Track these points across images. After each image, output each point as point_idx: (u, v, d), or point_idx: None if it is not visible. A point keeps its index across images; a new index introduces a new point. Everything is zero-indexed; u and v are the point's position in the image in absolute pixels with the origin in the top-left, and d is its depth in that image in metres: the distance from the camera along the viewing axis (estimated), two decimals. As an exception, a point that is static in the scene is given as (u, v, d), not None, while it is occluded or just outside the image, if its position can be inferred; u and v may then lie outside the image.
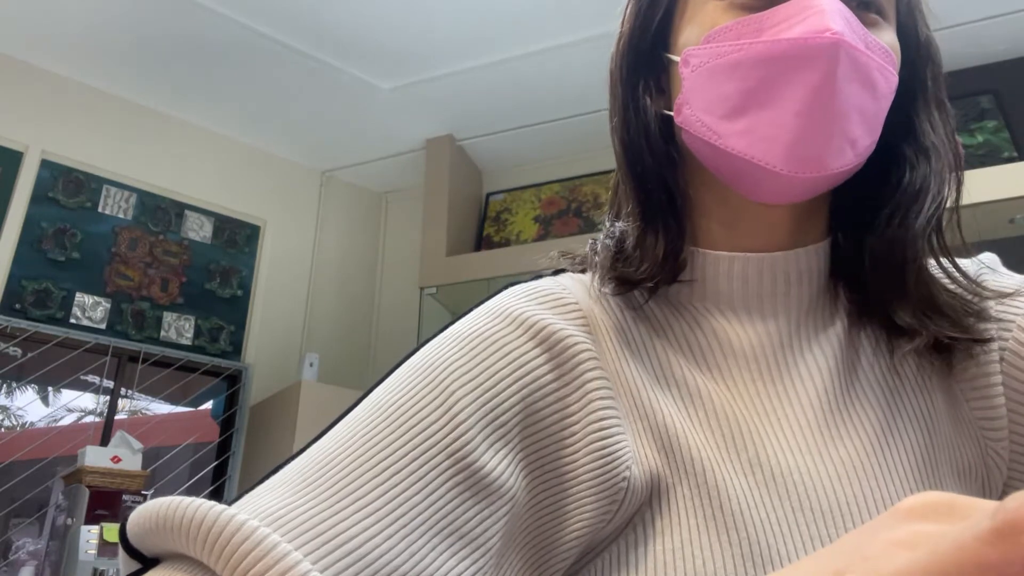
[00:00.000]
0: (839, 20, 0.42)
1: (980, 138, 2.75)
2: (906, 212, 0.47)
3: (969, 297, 0.48)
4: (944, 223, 0.48)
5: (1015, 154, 2.67)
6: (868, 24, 0.46)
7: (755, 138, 0.44)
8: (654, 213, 0.49)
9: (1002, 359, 0.47)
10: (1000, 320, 0.48)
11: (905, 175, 0.48)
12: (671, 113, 0.50)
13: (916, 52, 0.50)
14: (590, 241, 0.52)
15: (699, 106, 0.47)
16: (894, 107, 0.47)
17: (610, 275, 0.48)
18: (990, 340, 0.47)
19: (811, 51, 0.42)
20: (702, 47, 0.47)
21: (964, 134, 2.77)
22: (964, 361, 0.48)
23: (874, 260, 0.48)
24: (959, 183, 0.49)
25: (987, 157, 2.69)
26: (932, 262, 0.48)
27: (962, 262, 0.53)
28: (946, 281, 0.48)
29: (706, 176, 0.50)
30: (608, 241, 0.50)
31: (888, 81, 0.45)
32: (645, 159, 0.50)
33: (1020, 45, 2.79)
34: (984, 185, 2.44)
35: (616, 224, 0.51)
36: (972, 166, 2.66)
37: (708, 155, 0.48)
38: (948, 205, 0.48)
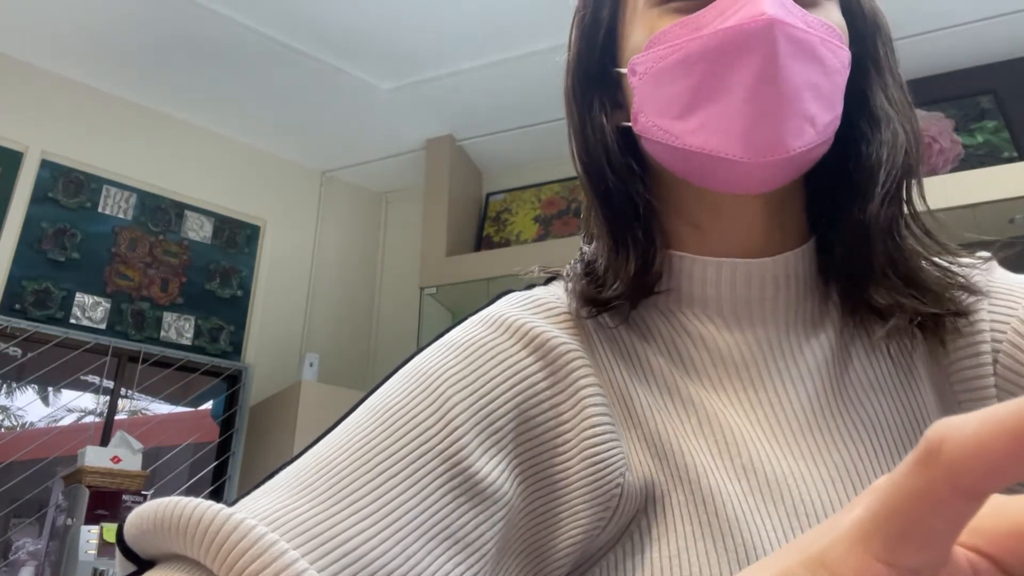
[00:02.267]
0: (772, 4, 0.42)
1: (980, 138, 2.75)
2: (864, 191, 0.47)
3: (955, 269, 0.48)
4: (910, 192, 0.48)
5: (1015, 154, 2.67)
6: (808, 5, 0.46)
7: (710, 132, 0.44)
8: (623, 229, 0.49)
9: (996, 361, 0.47)
10: (994, 321, 0.48)
11: (862, 151, 0.48)
12: (628, 125, 0.50)
13: (864, 24, 0.50)
14: (568, 265, 0.52)
15: (652, 111, 0.47)
16: (850, 86, 0.47)
17: (583, 299, 0.48)
18: (971, 312, 0.47)
19: (747, 36, 0.42)
20: (645, 53, 0.47)
21: (964, 134, 2.77)
22: (957, 350, 0.48)
23: (844, 244, 0.48)
24: (918, 148, 0.48)
25: (987, 157, 2.69)
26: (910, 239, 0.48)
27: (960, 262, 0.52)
28: (921, 255, 0.48)
29: (674, 182, 0.50)
30: (579, 266, 0.50)
31: (837, 55, 0.45)
32: (607, 177, 0.50)
33: (1020, 45, 2.79)
34: (984, 185, 2.44)
35: (587, 248, 0.52)
36: (972, 166, 2.66)
37: (670, 158, 0.48)
38: (911, 177, 0.48)
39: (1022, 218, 2.49)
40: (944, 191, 2.47)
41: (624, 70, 0.50)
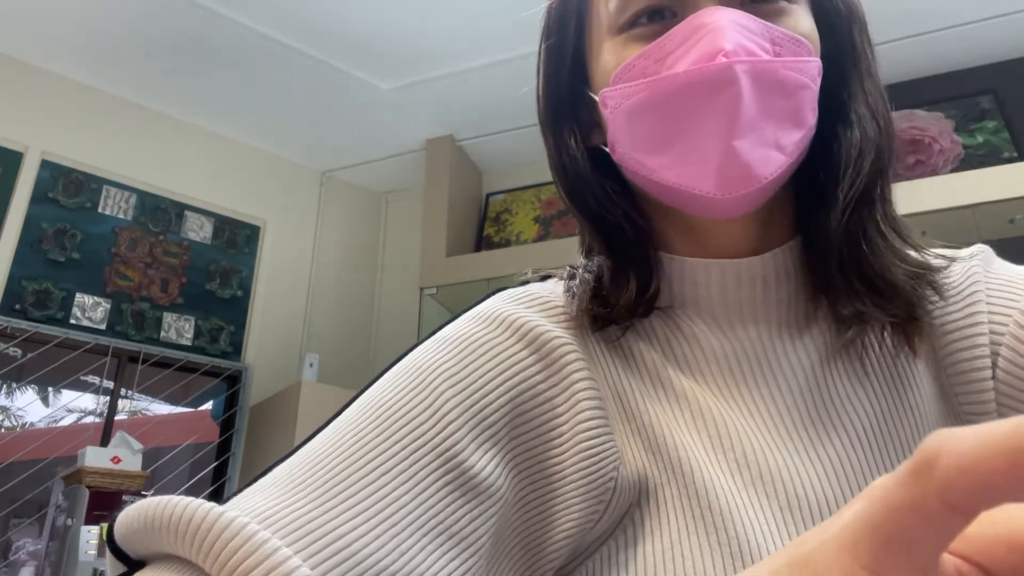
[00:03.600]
0: (731, 35, 0.42)
1: (980, 138, 2.75)
2: (828, 198, 0.47)
3: (923, 272, 0.47)
4: (885, 196, 0.47)
5: (1015, 154, 2.67)
6: (772, 14, 0.45)
7: (683, 169, 0.44)
8: (619, 253, 0.49)
9: (996, 354, 0.46)
10: (993, 314, 0.48)
11: (832, 154, 0.47)
12: (605, 149, 0.50)
13: (838, 20, 0.49)
14: (568, 268, 0.52)
15: (627, 145, 0.47)
16: (825, 84, 0.46)
17: (588, 313, 0.48)
18: (920, 319, 0.47)
19: (707, 80, 0.42)
20: (613, 88, 0.47)
21: (964, 134, 2.77)
22: (953, 344, 0.48)
23: (817, 249, 0.48)
24: (890, 152, 0.48)
25: (987, 157, 2.69)
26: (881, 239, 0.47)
27: (954, 252, 0.52)
28: (892, 258, 0.47)
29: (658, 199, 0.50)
30: (587, 275, 0.50)
31: (804, 71, 0.45)
32: (589, 202, 0.50)
33: (1020, 45, 2.79)
34: (984, 185, 2.44)
35: (593, 259, 0.51)
36: (972, 166, 2.66)
37: (651, 188, 0.48)
38: (881, 178, 0.47)
39: (1022, 218, 2.48)
40: (944, 191, 2.47)
41: (596, 97, 0.50)
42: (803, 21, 0.47)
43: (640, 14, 0.47)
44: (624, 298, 0.47)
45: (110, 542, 0.35)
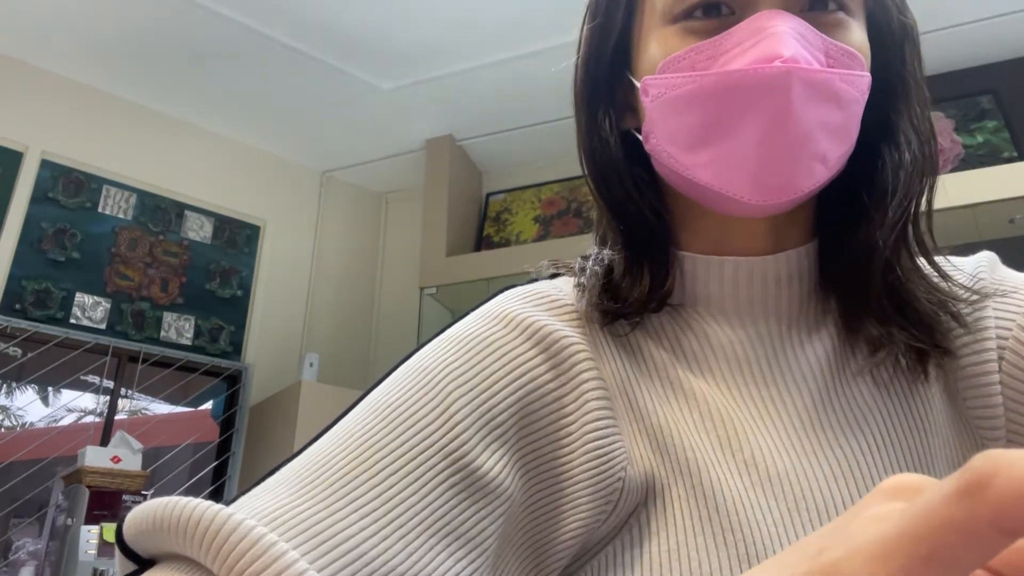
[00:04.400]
0: (791, 43, 0.41)
1: (980, 138, 2.75)
2: (872, 216, 0.46)
3: (948, 301, 0.47)
4: (917, 221, 0.47)
5: (1015, 154, 2.67)
6: (829, 25, 0.45)
7: (720, 170, 0.44)
8: (636, 241, 0.49)
9: (1001, 358, 0.47)
10: (999, 319, 0.48)
11: (876, 174, 0.47)
12: (638, 135, 0.49)
13: (892, 38, 0.49)
14: (579, 259, 0.51)
15: (663, 136, 0.46)
16: (871, 101, 0.46)
17: (597, 308, 0.47)
18: (952, 353, 0.47)
19: (762, 82, 0.41)
20: (658, 77, 0.46)
21: (964, 134, 2.77)
22: (962, 349, 0.48)
23: (845, 266, 0.48)
24: (932, 179, 0.48)
25: (987, 157, 2.69)
26: (921, 264, 0.48)
27: (960, 260, 0.52)
28: (920, 285, 0.47)
29: (683, 194, 0.50)
30: (597, 268, 0.49)
31: (856, 85, 0.44)
32: (615, 188, 0.49)
33: (1020, 45, 2.79)
34: (984, 185, 2.44)
35: (604, 251, 0.51)
36: (972, 166, 2.66)
37: (679, 183, 0.48)
38: (922, 207, 0.47)
39: (1022, 218, 2.49)
40: (944, 191, 2.46)
41: (637, 83, 0.48)
42: (857, 35, 0.46)
43: (696, 6, 0.45)
44: (637, 292, 0.47)
45: (119, 541, 0.35)
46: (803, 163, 0.42)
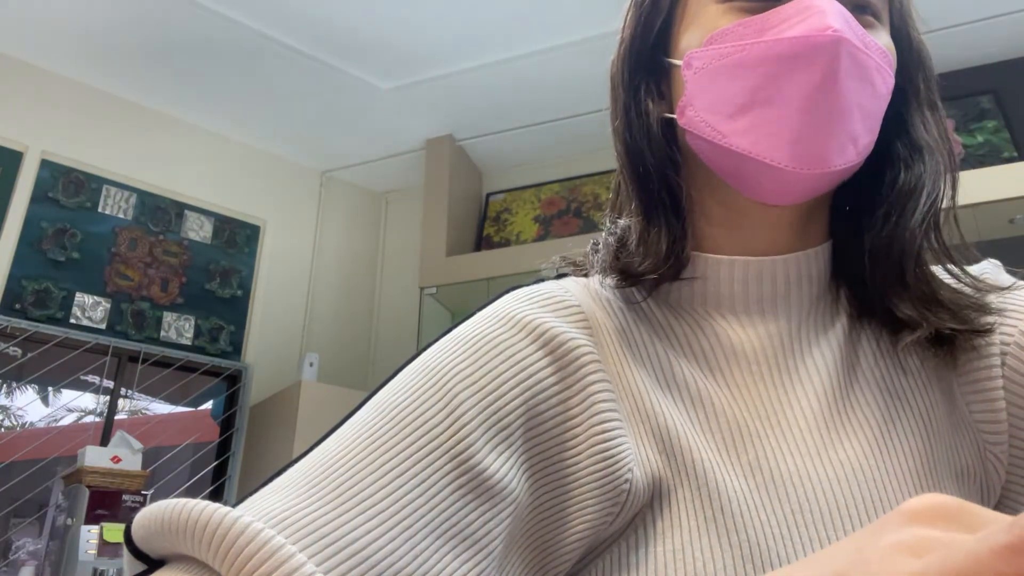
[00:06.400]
0: (839, 19, 0.43)
1: (980, 138, 2.75)
2: (902, 210, 0.48)
3: (969, 291, 0.49)
4: (941, 221, 0.49)
5: (1015, 154, 2.67)
6: (864, 26, 0.47)
7: (759, 135, 0.44)
8: (656, 212, 0.50)
9: (1004, 364, 0.47)
10: (1002, 321, 0.48)
11: (900, 174, 0.49)
12: (672, 116, 0.50)
13: (909, 55, 0.51)
14: (592, 241, 0.52)
15: (703, 107, 0.47)
16: (888, 109, 0.48)
17: (612, 268, 0.48)
18: (990, 331, 0.48)
19: (813, 48, 0.43)
20: (704, 49, 0.47)
21: (964, 134, 2.77)
22: (966, 354, 0.48)
23: (874, 257, 0.48)
24: (954, 181, 0.50)
25: (987, 157, 2.69)
26: (933, 262, 0.49)
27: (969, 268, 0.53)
28: (946, 278, 0.49)
29: (708, 178, 0.50)
30: (610, 238, 0.50)
31: (886, 82, 0.46)
32: (647, 160, 0.50)
33: (1020, 45, 2.79)
34: (984, 185, 2.44)
35: (619, 221, 0.52)
36: (972, 166, 2.66)
37: (712, 155, 0.48)
38: (944, 204, 0.49)
39: (1022, 218, 2.48)
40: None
41: (677, 62, 0.50)
42: (885, 38, 0.48)
43: None
44: (654, 252, 0.48)
45: (128, 542, 0.35)
46: (838, 138, 0.44)
